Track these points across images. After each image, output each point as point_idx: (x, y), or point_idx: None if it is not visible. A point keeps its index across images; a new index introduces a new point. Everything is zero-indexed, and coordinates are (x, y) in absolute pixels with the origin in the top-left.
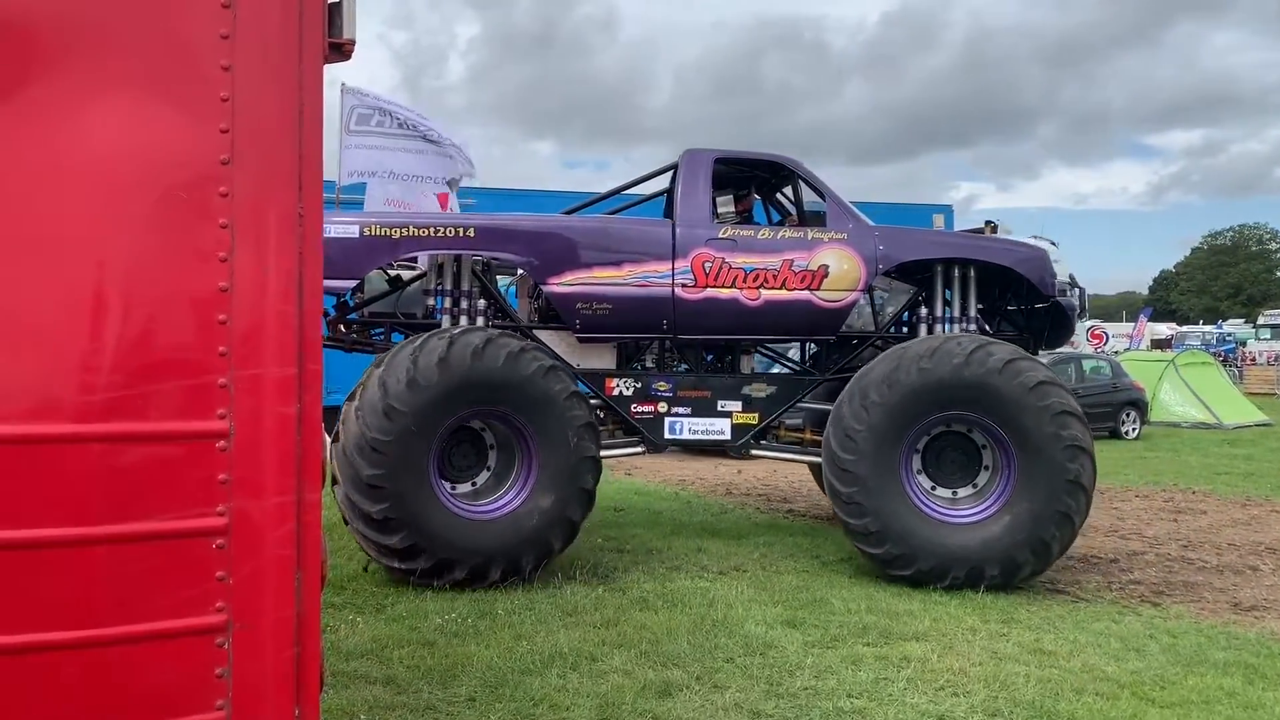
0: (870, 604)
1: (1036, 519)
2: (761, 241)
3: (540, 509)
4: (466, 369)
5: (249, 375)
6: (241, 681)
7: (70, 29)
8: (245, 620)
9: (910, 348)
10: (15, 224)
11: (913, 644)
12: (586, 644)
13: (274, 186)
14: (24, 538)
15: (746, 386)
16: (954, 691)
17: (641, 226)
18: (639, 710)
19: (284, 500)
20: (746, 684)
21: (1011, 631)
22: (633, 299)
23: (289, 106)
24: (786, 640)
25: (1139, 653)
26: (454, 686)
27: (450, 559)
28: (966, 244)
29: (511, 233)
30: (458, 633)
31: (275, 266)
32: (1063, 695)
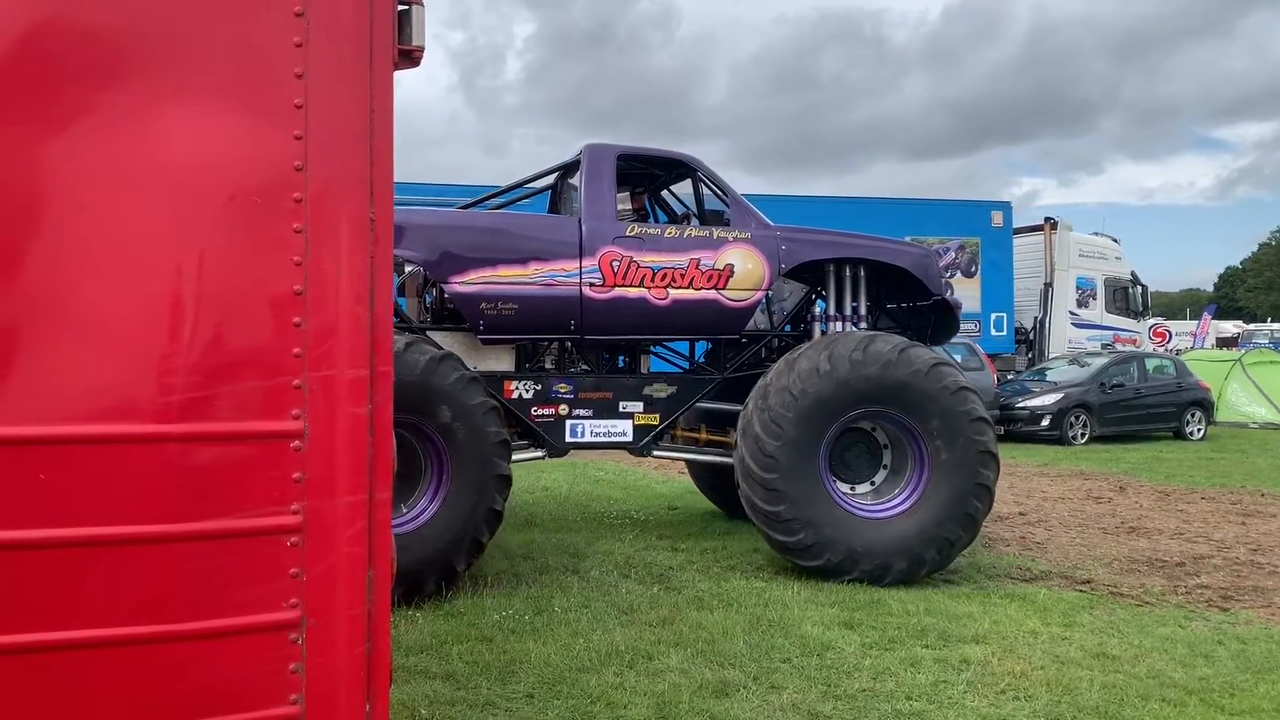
0: (928, 606)
1: (943, 519)
2: (668, 240)
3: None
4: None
5: (322, 376)
6: (315, 677)
7: (150, 38)
8: (318, 616)
9: (840, 342)
10: (97, 229)
11: (972, 646)
12: (643, 642)
13: (346, 191)
14: (107, 535)
15: (647, 387)
16: (1015, 695)
17: (547, 223)
18: (696, 709)
19: (356, 499)
20: (804, 685)
21: (1074, 635)
22: (539, 298)
23: (360, 113)
24: (844, 641)
25: (1207, 659)
26: (512, 683)
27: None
28: (863, 244)
29: (408, 228)
30: (515, 629)
31: (347, 270)
32: (1128, 701)
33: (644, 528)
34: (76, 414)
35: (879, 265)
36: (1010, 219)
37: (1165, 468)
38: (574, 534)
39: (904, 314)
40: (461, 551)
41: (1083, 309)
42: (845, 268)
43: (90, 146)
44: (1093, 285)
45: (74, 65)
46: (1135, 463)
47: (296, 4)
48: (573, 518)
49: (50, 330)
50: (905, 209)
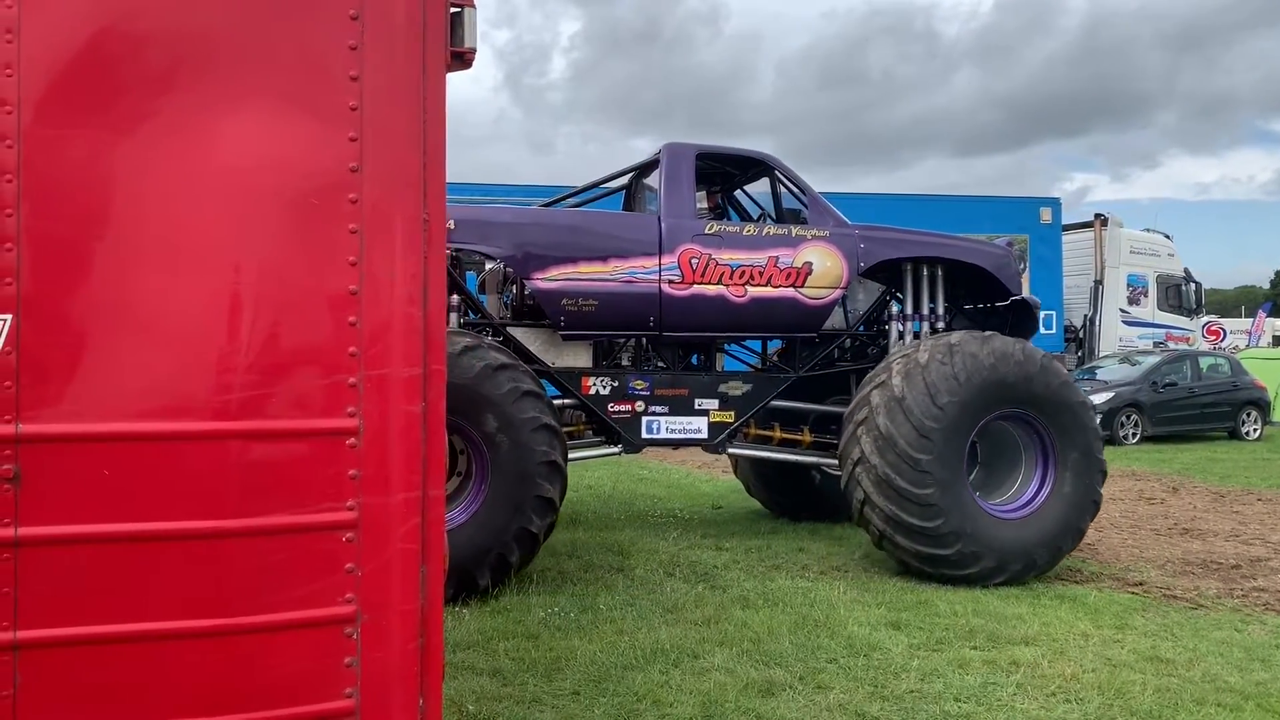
0: (976, 607)
1: (1070, 514)
2: (747, 238)
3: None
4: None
5: (377, 375)
6: (369, 671)
7: (209, 43)
8: (373, 612)
9: (968, 345)
10: (159, 230)
11: (1022, 648)
12: (688, 641)
13: (400, 192)
14: (168, 530)
15: (723, 384)
16: (1066, 698)
17: (627, 220)
18: (742, 708)
19: (410, 496)
20: (850, 685)
21: (1126, 638)
22: (619, 295)
23: (414, 114)
24: (891, 642)
25: (1264, 663)
26: (558, 680)
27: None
28: (942, 244)
29: (494, 225)
30: (561, 627)
31: (401, 270)
32: (1182, 705)
33: (688, 526)
34: (140, 411)
35: (957, 265)
36: (1059, 215)
37: (1220, 468)
38: (618, 532)
39: (980, 314)
40: (485, 565)
41: (1134, 306)
42: (922, 267)
43: (151, 150)
44: (1144, 283)
45: (136, 70)
46: (1188, 463)
47: (351, 7)
48: (617, 516)
49: (115, 330)
50: (953, 206)
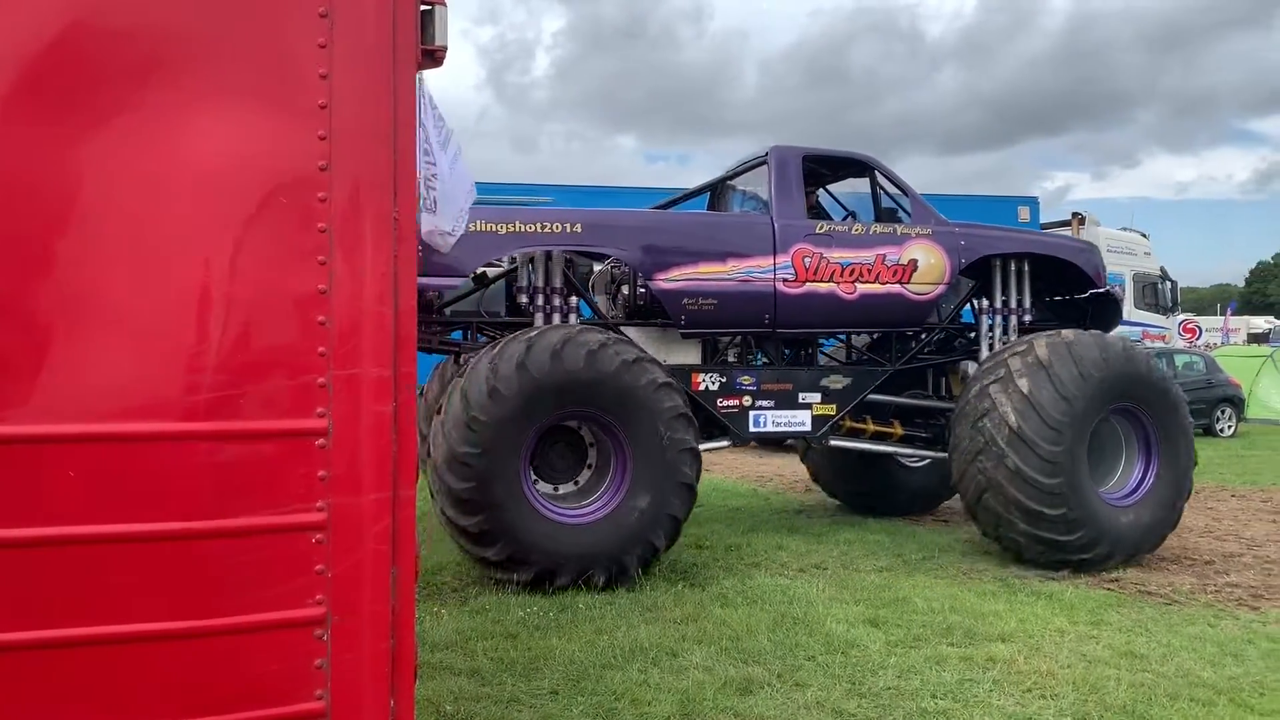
0: (954, 604)
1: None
2: (855, 237)
3: (638, 508)
4: (546, 371)
5: (347, 375)
6: (339, 673)
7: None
8: (343, 613)
9: (1081, 343)
10: (125, 229)
11: (998, 645)
12: (667, 639)
13: (370, 191)
14: (135, 532)
15: (824, 378)
16: (1042, 694)
17: (742, 221)
18: (720, 706)
19: (380, 496)
20: (828, 682)
21: (1101, 634)
22: (737, 294)
23: (384, 113)
24: (868, 639)
25: (1237, 658)
26: (536, 679)
27: (551, 567)
28: (1035, 240)
29: (618, 228)
30: (539, 626)
31: (371, 269)
32: (1156, 700)
33: None
34: (104, 412)
35: (1045, 259)
36: (1037, 214)
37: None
38: None
39: (1061, 306)
40: (634, 551)
41: None
42: (1010, 262)
43: (117, 147)
44: (1120, 281)
45: (103, 67)
46: None
47: (320, 5)
48: None
49: (80, 329)
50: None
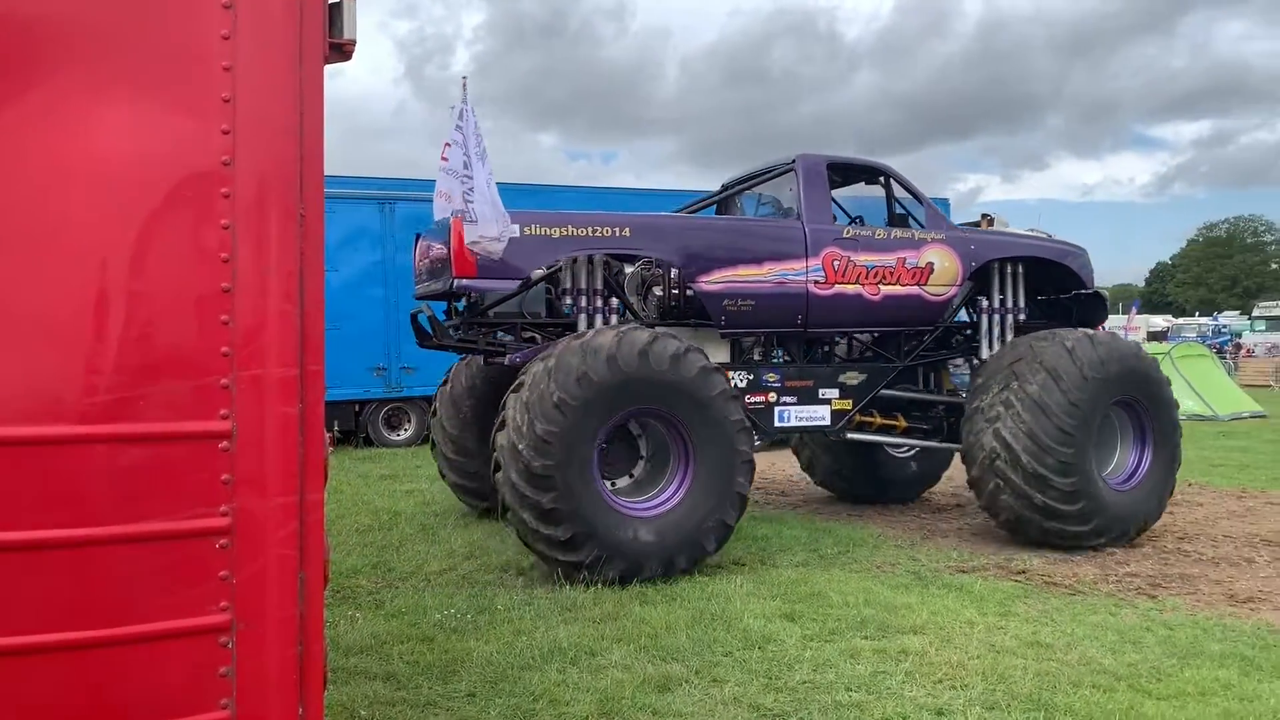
0: (868, 597)
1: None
2: (878, 241)
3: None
4: (634, 368)
5: (251, 375)
6: (245, 681)
7: (72, 29)
8: (249, 620)
9: (1091, 342)
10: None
11: (911, 637)
12: (586, 639)
13: (275, 187)
14: (28, 539)
15: (841, 375)
16: (952, 685)
17: (776, 226)
18: (639, 704)
19: (287, 500)
20: (745, 678)
21: (1009, 624)
22: (773, 295)
23: (290, 107)
24: (785, 634)
25: (1135, 645)
26: (454, 682)
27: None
28: (1035, 245)
29: (665, 231)
30: (457, 628)
31: (277, 267)
32: (1060, 688)
33: None
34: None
35: (1041, 262)
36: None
37: None
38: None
39: (1047, 305)
40: (710, 533)
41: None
42: (1008, 265)
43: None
44: None
45: None
46: None
47: None
48: None
49: None
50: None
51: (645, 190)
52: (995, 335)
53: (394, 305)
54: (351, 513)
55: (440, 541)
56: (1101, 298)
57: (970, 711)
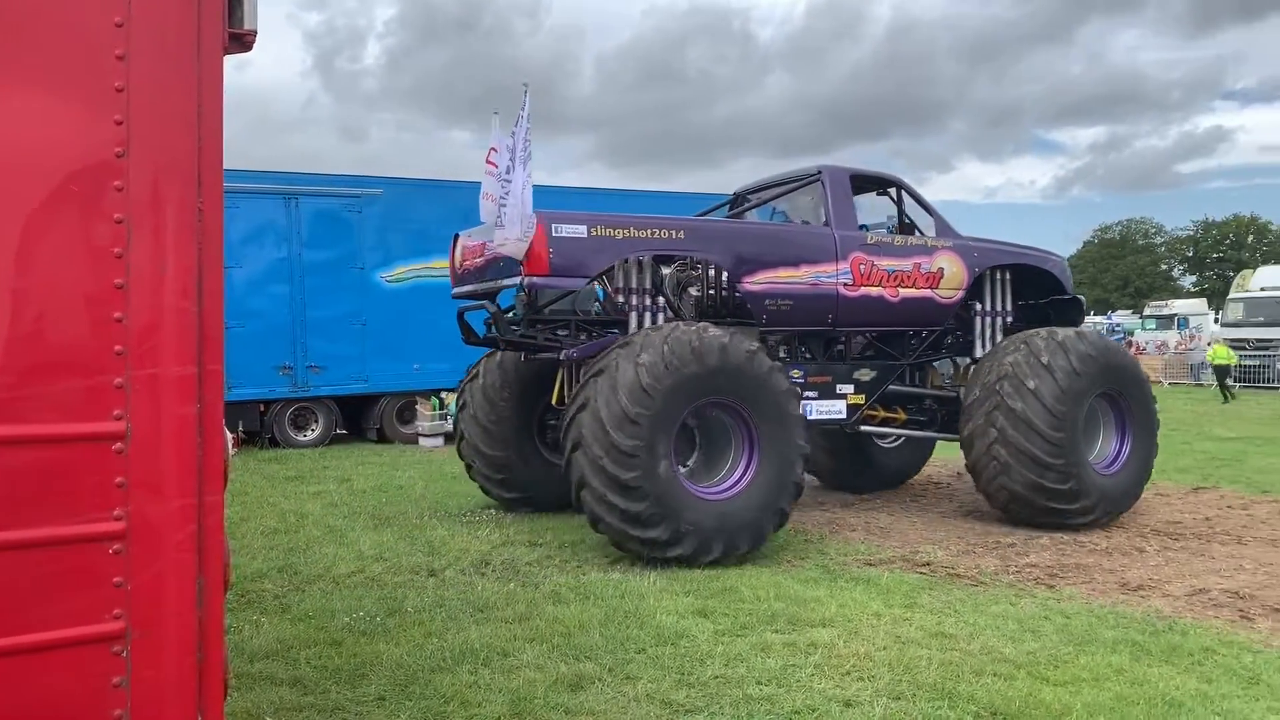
0: (779, 591)
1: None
2: (897, 247)
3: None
4: (715, 361)
5: (147, 375)
6: (141, 690)
7: None
8: (145, 627)
9: (1080, 337)
10: None
11: (820, 630)
12: (498, 639)
13: (172, 180)
14: None
15: (856, 371)
16: (859, 676)
17: (810, 232)
18: (551, 704)
19: (184, 503)
20: (658, 674)
21: (914, 616)
22: (808, 296)
23: (187, 97)
24: (697, 630)
25: (1034, 634)
26: (363, 686)
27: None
28: (1026, 253)
29: (714, 235)
30: (366, 631)
31: (174, 262)
32: (963, 677)
33: (502, 524)
34: None
35: (1030, 269)
36: None
37: None
38: (429, 532)
39: (1027, 308)
40: (770, 517)
41: None
42: (998, 272)
43: None
44: None
45: None
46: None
47: None
48: (428, 516)
49: None
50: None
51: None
52: (988, 335)
53: (300, 302)
54: (257, 515)
55: (349, 544)
56: (1079, 301)
57: (877, 702)
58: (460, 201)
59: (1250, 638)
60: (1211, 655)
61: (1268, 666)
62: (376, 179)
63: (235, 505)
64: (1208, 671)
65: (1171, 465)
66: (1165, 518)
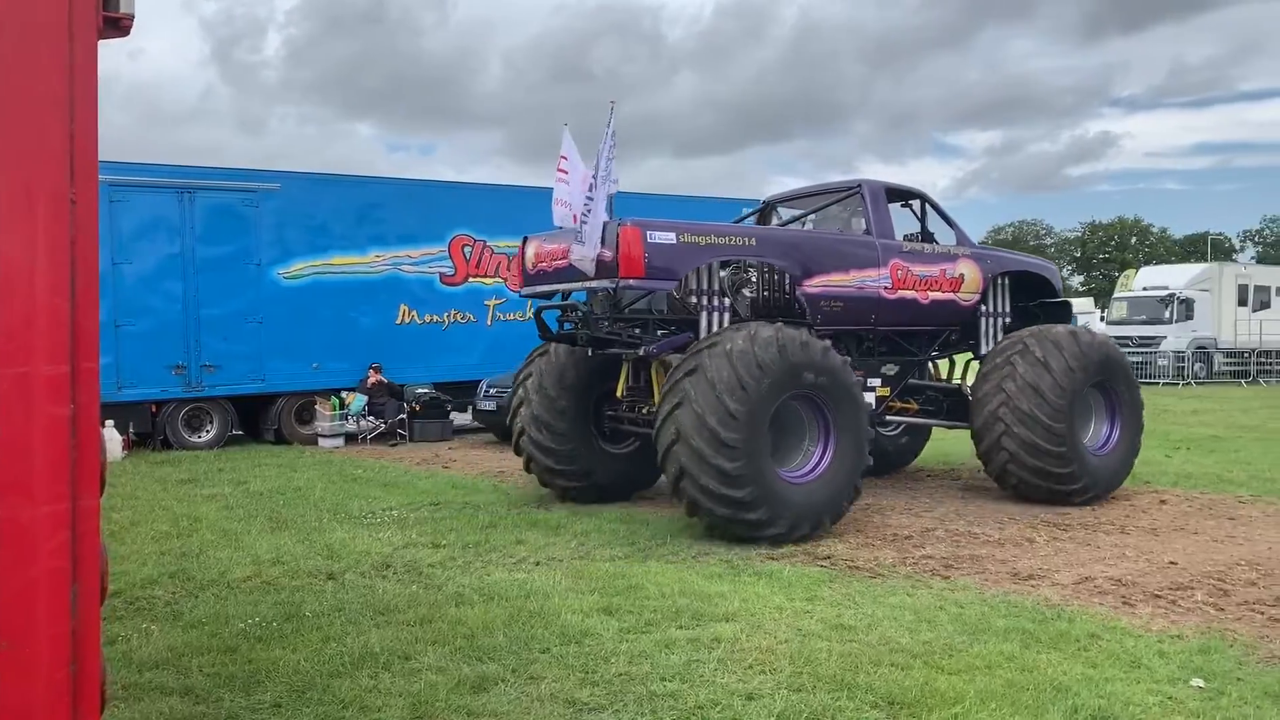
0: (683, 587)
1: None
2: (927, 254)
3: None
4: (799, 358)
5: (15, 374)
6: (9, 706)
7: None
8: (14, 639)
9: (1075, 334)
10: None
11: (723, 625)
12: (399, 643)
13: (42, 169)
14: None
15: (883, 366)
16: (762, 670)
17: (856, 241)
18: (453, 706)
19: (56, 508)
20: (562, 674)
21: (815, 609)
22: (856, 298)
23: (58, 83)
24: (602, 628)
25: (930, 624)
26: (258, 693)
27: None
28: (1026, 261)
29: (781, 243)
30: (262, 637)
31: (44, 256)
32: (861, 668)
33: (404, 525)
34: None
35: (1028, 275)
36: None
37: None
38: (329, 535)
39: (1020, 311)
40: (846, 493)
41: None
42: (1001, 277)
43: None
44: None
45: None
46: None
47: None
48: (328, 519)
49: None
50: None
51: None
52: (992, 334)
53: (194, 300)
54: (148, 519)
55: (244, 548)
56: (1068, 304)
57: (778, 694)
58: (363, 197)
59: (1132, 623)
60: (1096, 641)
61: (1148, 650)
62: (274, 173)
63: (125, 509)
64: (1093, 656)
65: None
66: (1055, 509)
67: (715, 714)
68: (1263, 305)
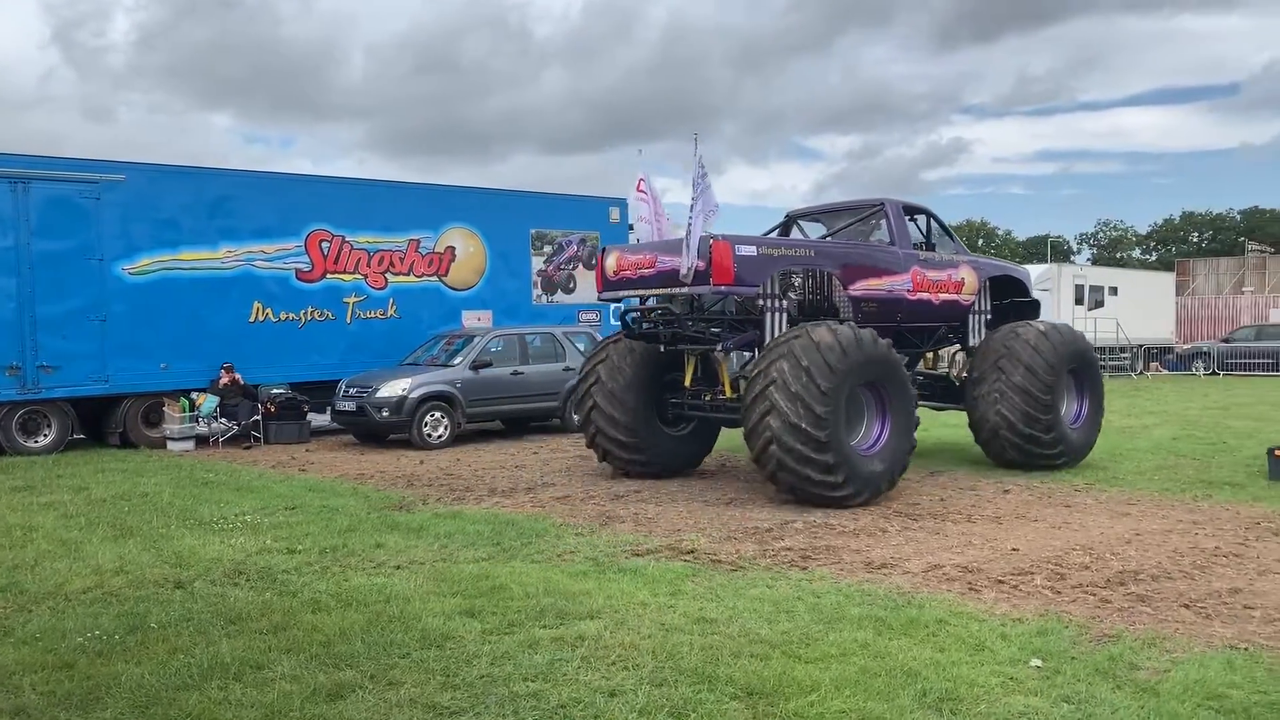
0: (548, 587)
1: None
2: (936, 262)
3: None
4: (869, 350)
5: None
6: None
7: None
8: None
9: (1057, 328)
10: None
11: (587, 623)
12: (251, 652)
13: None
14: None
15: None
16: (625, 666)
17: (887, 250)
18: (308, 715)
19: None
20: (422, 678)
21: (678, 603)
22: (887, 300)
23: None
24: (464, 630)
25: (789, 614)
26: (96, 710)
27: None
28: (1007, 267)
29: (833, 254)
30: (102, 652)
31: None
32: (722, 660)
33: (258, 531)
34: None
35: (1008, 279)
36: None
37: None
38: (177, 542)
39: (995, 309)
40: (899, 466)
41: None
42: (986, 280)
43: None
44: None
45: None
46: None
47: None
48: (176, 525)
49: None
50: (532, 202)
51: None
52: (979, 329)
53: (29, 296)
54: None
55: (85, 557)
56: (1037, 303)
57: (640, 690)
58: (214, 189)
59: (977, 608)
60: (945, 626)
61: (992, 634)
62: (119, 164)
63: None
64: (941, 641)
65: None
66: (906, 500)
67: (578, 712)
68: (1097, 304)
